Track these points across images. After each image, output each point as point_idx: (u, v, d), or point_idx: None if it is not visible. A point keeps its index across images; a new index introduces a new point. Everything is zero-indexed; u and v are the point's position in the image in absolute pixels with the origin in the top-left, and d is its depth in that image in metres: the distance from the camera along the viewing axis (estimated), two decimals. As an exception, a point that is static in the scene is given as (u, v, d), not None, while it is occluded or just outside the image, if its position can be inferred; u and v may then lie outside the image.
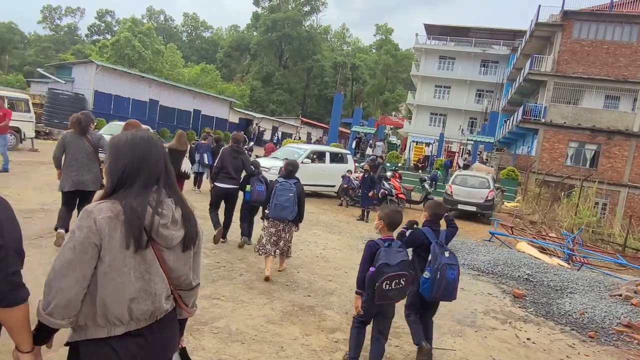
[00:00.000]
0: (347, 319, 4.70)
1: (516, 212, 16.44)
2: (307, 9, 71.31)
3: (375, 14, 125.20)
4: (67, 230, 5.44)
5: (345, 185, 14.09)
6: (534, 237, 11.77)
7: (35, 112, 18.17)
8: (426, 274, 3.87)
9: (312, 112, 67.56)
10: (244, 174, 7.31)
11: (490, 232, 11.60)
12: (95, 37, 77.00)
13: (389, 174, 15.28)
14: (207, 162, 11.99)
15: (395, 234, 3.77)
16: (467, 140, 28.23)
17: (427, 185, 15.88)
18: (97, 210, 1.59)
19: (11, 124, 15.80)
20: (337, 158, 15.92)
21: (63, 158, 5.62)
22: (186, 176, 8.85)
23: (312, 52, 67.37)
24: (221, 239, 7.16)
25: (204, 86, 47.28)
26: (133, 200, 1.62)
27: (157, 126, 27.98)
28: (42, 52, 66.31)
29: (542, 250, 10.42)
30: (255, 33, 69.55)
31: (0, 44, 68.37)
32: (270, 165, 14.37)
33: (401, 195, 14.53)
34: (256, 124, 39.12)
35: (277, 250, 5.90)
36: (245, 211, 7.36)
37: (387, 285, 3.29)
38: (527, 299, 6.66)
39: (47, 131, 21.98)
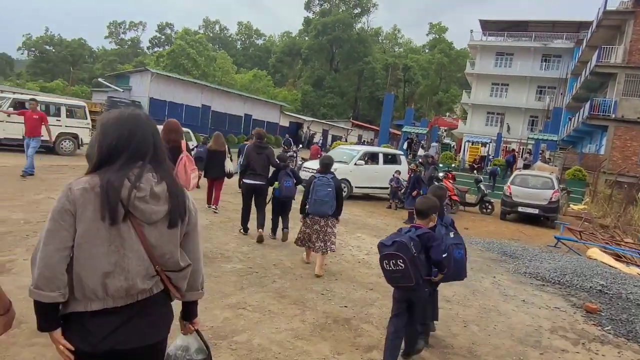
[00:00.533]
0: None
1: (585, 215, 15.00)
2: (357, 11, 70.74)
3: (427, 14, 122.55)
4: None
5: (395, 186, 13.39)
6: (607, 243, 10.53)
7: (94, 119, 18.86)
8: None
9: (364, 114, 66.80)
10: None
11: (555, 237, 10.49)
12: (156, 49, 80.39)
13: (441, 174, 14.39)
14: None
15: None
16: (528, 138, 26.53)
17: (482, 187, 14.84)
18: (76, 182, 1.63)
19: (70, 130, 16.57)
20: (390, 159, 15.31)
21: None
22: (228, 175, 9.12)
23: (363, 54, 66.70)
24: (265, 235, 7.25)
25: (256, 92, 47.85)
26: (112, 174, 1.64)
27: (209, 131, 28.39)
28: (108, 65, 69.97)
29: (618, 257, 9.23)
30: (306, 38, 69.88)
31: (72, 59, 73.00)
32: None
33: (454, 197, 13.62)
34: (307, 127, 38.97)
35: (322, 246, 5.92)
36: (275, 207, 7.36)
37: (387, 265, 3.39)
38: (603, 314, 5.74)
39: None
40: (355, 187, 14.14)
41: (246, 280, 5.33)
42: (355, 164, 14.08)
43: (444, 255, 3.57)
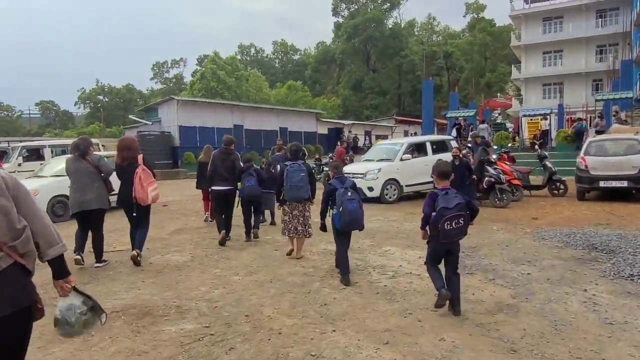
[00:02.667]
0: None
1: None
2: (386, 6, 68.28)
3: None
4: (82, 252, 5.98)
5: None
6: None
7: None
8: (334, 211, 5.18)
9: (411, 110, 63.92)
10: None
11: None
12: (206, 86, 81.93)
13: (494, 157, 11.90)
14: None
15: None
16: (595, 101, 22.97)
17: (549, 164, 12.16)
18: None
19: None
20: (440, 147, 13.09)
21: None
22: None
23: (399, 48, 64.20)
24: (226, 239, 7.27)
25: (294, 104, 46.60)
26: None
27: (244, 150, 27.19)
28: (156, 104, 71.92)
29: None
30: (339, 43, 68.31)
31: (123, 104, 76.05)
32: (365, 169, 12.10)
33: (515, 182, 11.11)
34: (348, 131, 36.98)
35: (303, 230, 6.08)
36: (243, 208, 7.52)
37: (449, 225, 3.88)
38: None
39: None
40: (406, 186, 12.18)
41: (186, 353, 3.45)
42: (401, 159, 12.10)
43: None
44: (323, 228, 5.50)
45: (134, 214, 6.00)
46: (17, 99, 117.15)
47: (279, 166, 11.64)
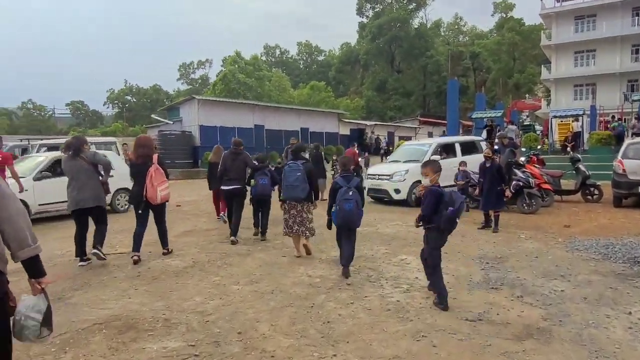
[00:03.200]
0: None
1: None
2: (412, 6, 67.25)
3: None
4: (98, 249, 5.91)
5: (461, 183, 10.47)
6: None
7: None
8: (333, 208, 5.33)
9: (436, 111, 62.79)
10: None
11: None
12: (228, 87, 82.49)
13: (522, 159, 11.19)
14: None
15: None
16: (632, 101, 21.78)
17: (582, 167, 11.37)
18: None
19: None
20: (469, 148, 12.51)
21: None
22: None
23: (424, 49, 63.13)
24: (232, 238, 7.28)
25: (316, 105, 46.16)
26: None
27: (265, 150, 26.91)
28: (182, 105, 72.75)
29: None
30: (363, 43, 67.64)
31: (150, 105, 77.07)
32: (392, 170, 11.56)
33: (545, 186, 10.38)
34: (370, 132, 36.38)
35: (304, 230, 6.08)
36: (254, 205, 7.63)
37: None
38: None
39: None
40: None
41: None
42: (431, 161, 11.39)
43: None
44: (328, 224, 5.57)
45: (140, 212, 6.08)
46: (50, 99, 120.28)
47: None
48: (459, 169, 10.78)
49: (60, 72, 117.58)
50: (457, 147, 12.30)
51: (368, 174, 12.59)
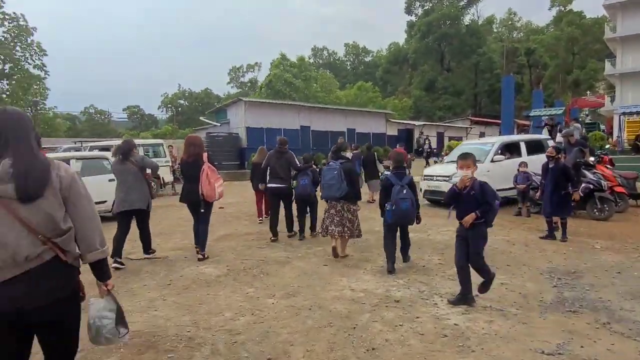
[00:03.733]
0: None
1: None
2: (463, 2, 65.15)
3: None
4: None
5: (522, 185, 9.55)
6: None
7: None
8: (387, 207, 5.30)
9: (487, 111, 60.46)
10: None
11: None
12: (274, 89, 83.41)
13: (592, 159, 10.11)
14: (357, 172, 11.43)
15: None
16: None
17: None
18: None
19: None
20: (535, 147, 11.48)
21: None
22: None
23: (476, 46, 60.89)
24: (288, 233, 7.66)
25: (363, 105, 45.38)
26: None
27: (311, 151, 26.57)
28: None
29: None
30: (411, 42, 66.20)
31: (201, 108, 79.12)
32: (451, 171, 10.79)
33: (619, 189, 9.28)
34: (420, 132, 35.23)
35: (340, 230, 5.93)
36: (298, 205, 7.64)
37: None
38: None
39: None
40: (497, 191, 10.62)
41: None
42: (492, 161, 10.54)
43: None
44: (383, 216, 5.52)
45: (202, 210, 6.09)
46: (110, 104, 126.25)
47: (356, 163, 11.22)
48: (518, 170, 9.85)
49: (119, 77, 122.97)
50: (523, 146, 11.29)
51: (424, 175, 11.81)
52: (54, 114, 37.28)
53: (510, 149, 11.34)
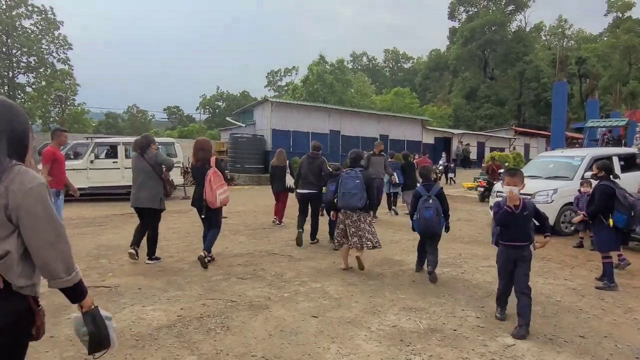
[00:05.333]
0: None
1: None
2: (510, 8, 62.13)
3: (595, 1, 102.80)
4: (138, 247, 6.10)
5: (579, 213, 7.56)
6: None
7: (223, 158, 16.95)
8: (414, 216, 5.57)
9: (531, 122, 57.22)
10: None
11: None
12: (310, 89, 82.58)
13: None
14: (398, 182, 11.17)
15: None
16: None
17: None
18: None
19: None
20: (630, 163, 9.81)
21: None
22: (290, 190, 9.24)
23: (522, 54, 57.77)
24: (311, 241, 7.61)
25: (400, 112, 43.40)
26: None
27: (340, 158, 25.00)
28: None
29: None
30: (454, 48, 63.67)
31: (240, 111, 79.16)
32: (534, 189, 8.89)
33: None
34: (458, 141, 33.06)
35: (358, 241, 5.66)
36: (327, 212, 7.51)
37: None
38: None
39: (229, 177, 21.04)
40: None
41: None
42: (582, 179, 8.58)
43: None
44: (413, 229, 5.73)
45: (202, 216, 6.06)
46: (150, 104, 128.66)
47: (395, 174, 11.08)
48: (579, 191, 7.92)
49: (160, 78, 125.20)
50: (615, 161, 9.35)
51: (497, 191, 9.85)
52: (82, 109, 37.26)
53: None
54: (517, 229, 3.94)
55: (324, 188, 7.43)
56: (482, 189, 14.89)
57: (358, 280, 5.36)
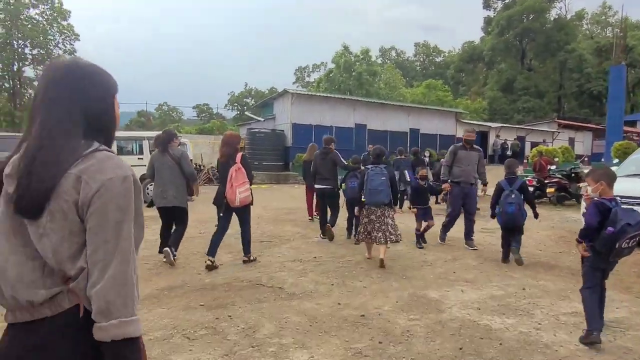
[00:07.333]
0: None
1: None
2: (551, -6, 58.39)
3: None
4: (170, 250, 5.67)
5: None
6: None
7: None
8: (497, 209, 5.89)
9: (573, 115, 53.59)
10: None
11: None
12: (335, 80, 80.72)
13: None
14: (408, 179, 11.04)
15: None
16: None
17: None
18: None
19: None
20: None
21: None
22: None
23: (563, 42, 54.07)
24: (321, 237, 7.60)
25: (431, 105, 40.91)
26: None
27: (366, 153, 22.93)
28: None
29: None
30: (489, 38, 60.44)
31: (260, 104, 78.05)
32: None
33: None
34: (496, 135, 30.50)
35: (382, 236, 5.78)
36: (347, 208, 7.65)
37: (626, 244, 3.35)
38: None
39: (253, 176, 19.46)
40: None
41: None
42: None
43: None
44: (491, 216, 6.15)
45: (222, 214, 5.80)
46: (181, 101, 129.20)
47: (406, 172, 11.11)
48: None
49: (191, 77, 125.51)
50: None
51: (622, 197, 7.65)
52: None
53: None
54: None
55: (343, 185, 7.63)
56: (531, 189, 12.63)
57: (370, 345, 3.40)
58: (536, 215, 6.00)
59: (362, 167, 7.55)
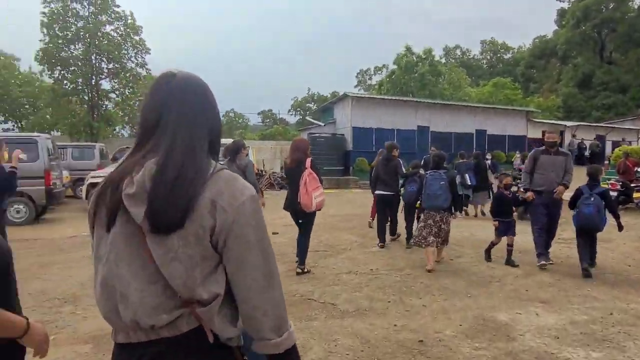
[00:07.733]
0: None
1: None
2: (633, -20, 53.89)
3: None
4: None
5: None
6: None
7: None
8: (574, 211, 5.66)
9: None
10: None
11: None
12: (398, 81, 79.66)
13: None
14: (469, 184, 10.62)
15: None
16: None
17: None
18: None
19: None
20: None
21: None
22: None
23: (650, 31, 49.70)
24: (391, 237, 7.93)
25: (499, 104, 38.99)
26: (122, 162, 1.20)
27: (429, 156, 22.17)
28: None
29: None
30: (563, 31, 56.83)
31: (320, 109, 78.68)
32: None
33: None
34: (572, 135, 28.45)
35: (436, 240, 5.87)
36: (405, 213, 7.64)
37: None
38: None
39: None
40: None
41: None
42: None
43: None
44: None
45: (299, 220, 5.83)
46: (245, 108, 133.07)
47: (467, 175, 10.74)
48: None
49: (257, 83, 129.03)
50: None
51: None
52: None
53: None
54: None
55: (402, 189, 7.60)
56: (615, 194, 11.42)
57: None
58: (620, 227, 5.56)
59: (422, 172, 7.59)
